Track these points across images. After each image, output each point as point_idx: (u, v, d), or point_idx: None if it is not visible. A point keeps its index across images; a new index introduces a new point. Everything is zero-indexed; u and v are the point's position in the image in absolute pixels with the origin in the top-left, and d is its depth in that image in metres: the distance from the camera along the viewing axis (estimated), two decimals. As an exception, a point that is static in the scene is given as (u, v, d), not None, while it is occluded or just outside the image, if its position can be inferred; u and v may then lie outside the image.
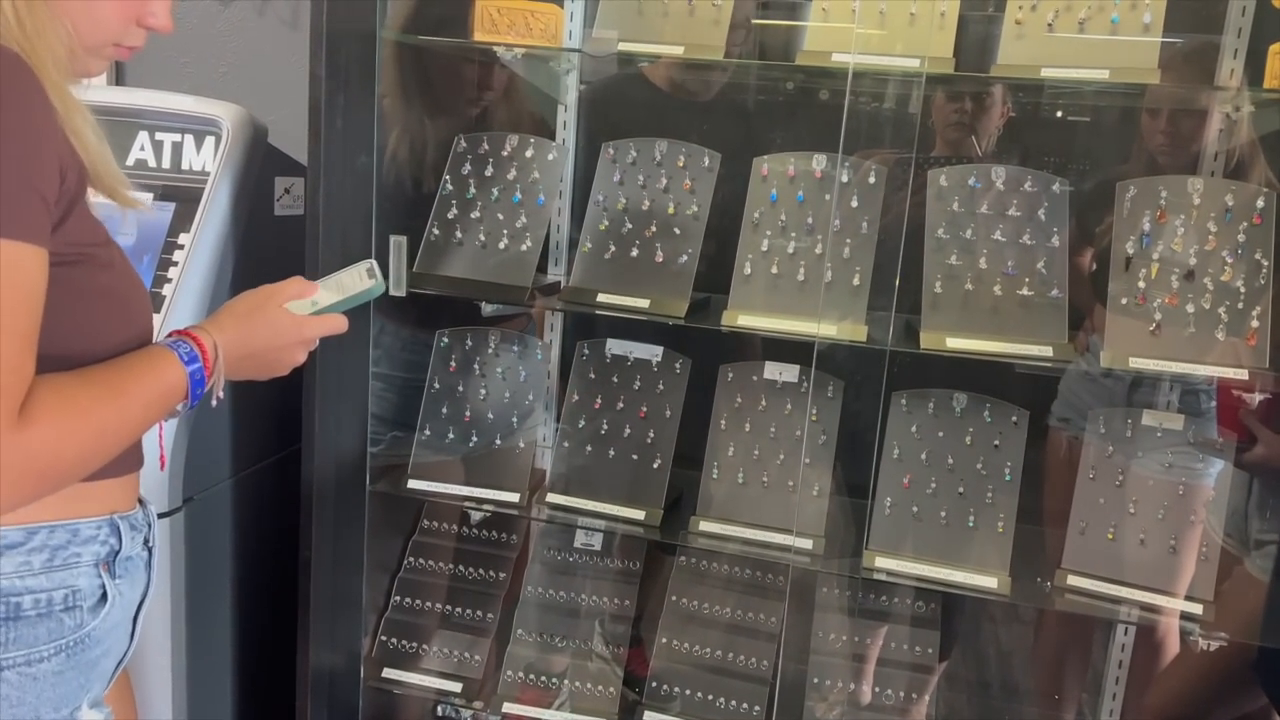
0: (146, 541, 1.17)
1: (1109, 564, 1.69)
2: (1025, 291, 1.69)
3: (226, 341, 1.12)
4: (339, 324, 1.24)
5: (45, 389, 0.93)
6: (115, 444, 1.01)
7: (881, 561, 1.72)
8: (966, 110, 1.92)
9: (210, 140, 1.76)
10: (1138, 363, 1.60)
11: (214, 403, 1.16)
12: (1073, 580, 1.69)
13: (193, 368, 1.07)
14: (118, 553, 1.10)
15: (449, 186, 1.90)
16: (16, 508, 0.96)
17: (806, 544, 1.76)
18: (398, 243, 1.81)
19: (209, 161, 1.75)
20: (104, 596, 1.08)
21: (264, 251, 1.80)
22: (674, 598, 1.97)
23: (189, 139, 1.76)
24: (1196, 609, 1.63)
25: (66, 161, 0.96)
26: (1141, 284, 1.65)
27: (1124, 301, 1.65)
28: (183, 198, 1.72)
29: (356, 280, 1.24)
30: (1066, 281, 1.69)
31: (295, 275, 1.24)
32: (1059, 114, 2.00)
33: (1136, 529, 1.69)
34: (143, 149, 1.77)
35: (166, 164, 1.76)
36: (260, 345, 1.16)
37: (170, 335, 1.11)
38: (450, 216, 1.89)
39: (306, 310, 1.20)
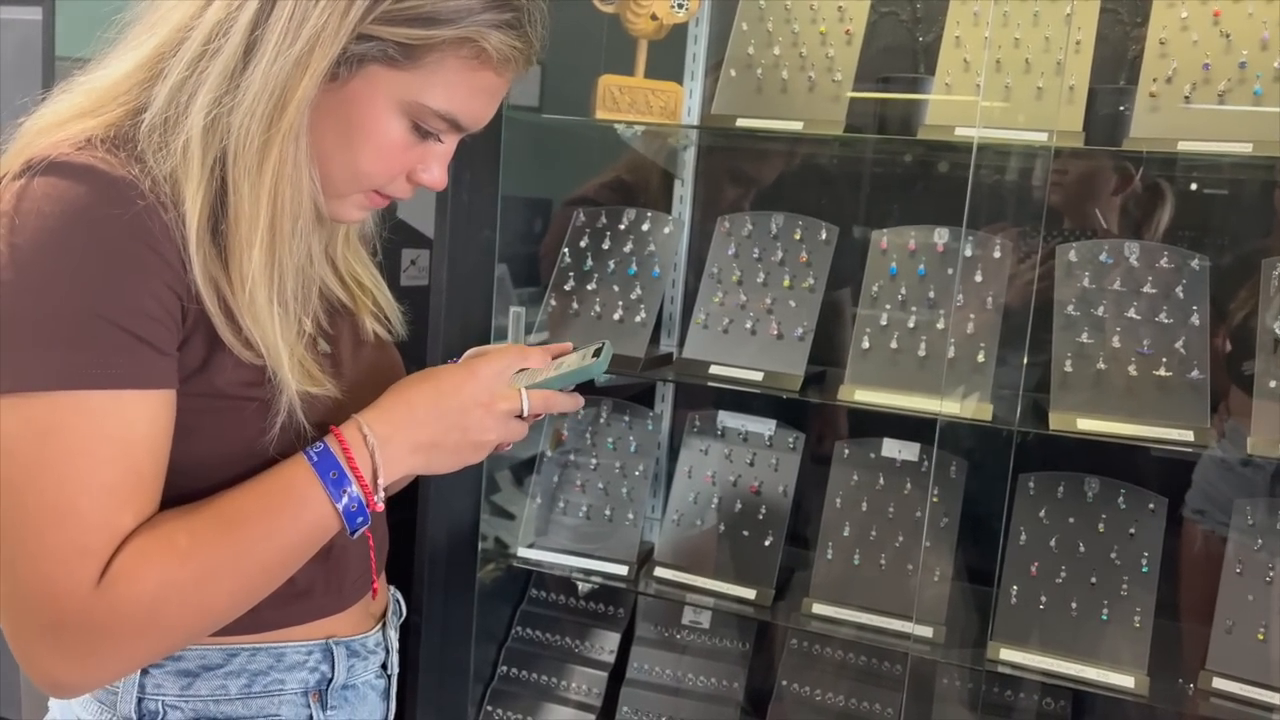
0: (385, 667, 1.07)
1: (1259, 667, 1.56)
2: (1162, 372, 1.61)
3: (391, 434, 0.90)
4: (564, 401, 0.99)
5: (142, 536, 0.80)
6: (240, 589, 0.84)
7: (1007, 653, 1.64)
8: (1096, 184, 1.85)
9: (342, 214, 1.83)
10: (1289, 450, 1.50)
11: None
12: (1218, 683, 1.57)
13: (342, 492, 0.86)
14: (330, 680, 0.98)
15: (567, 259, 1.93)
16: (129, 671, 0.88)
17: (926, 632, 1.68)
18: (516, 314, 1.84)
19: (340, 234, 1.82)
20: None
21: (388, 321, 1.85)
22: (784, 682, 1.91)
23: (322, 212, 1.84)
24: (1362, 721, 1.49)
25: (182, 292, 0.81)
26: (1292, 366, 1.55)
27: (1272, 385, 1.55)
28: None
29: (578, 359, 1.00)
30: (1208, 362, 1.60)
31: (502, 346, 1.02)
32: (1194, 186, 1.92)
33: (1291, 630, 1.57)
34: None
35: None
36: (443, 432, 0.93)
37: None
38: (567, 289, 1.91)
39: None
